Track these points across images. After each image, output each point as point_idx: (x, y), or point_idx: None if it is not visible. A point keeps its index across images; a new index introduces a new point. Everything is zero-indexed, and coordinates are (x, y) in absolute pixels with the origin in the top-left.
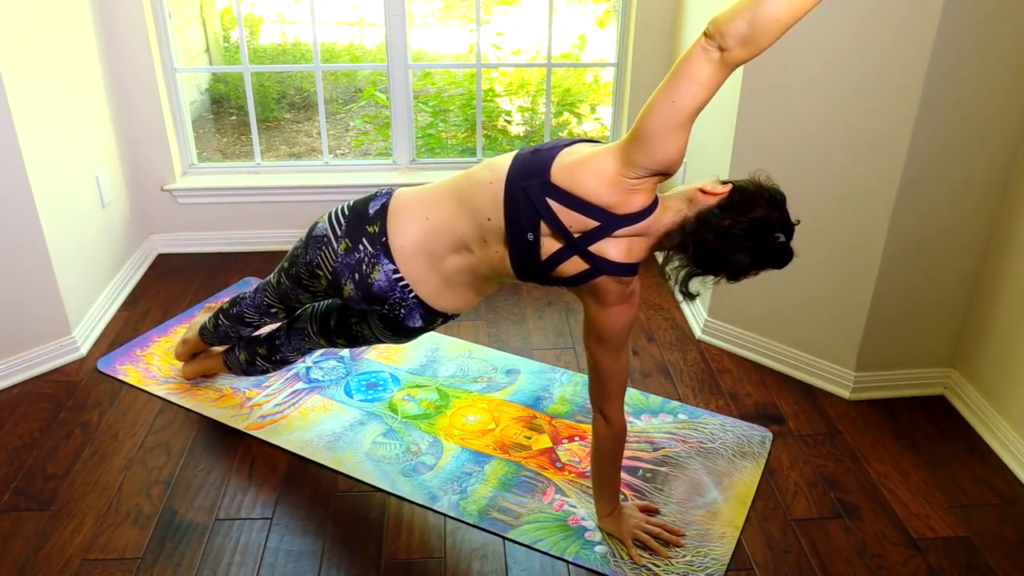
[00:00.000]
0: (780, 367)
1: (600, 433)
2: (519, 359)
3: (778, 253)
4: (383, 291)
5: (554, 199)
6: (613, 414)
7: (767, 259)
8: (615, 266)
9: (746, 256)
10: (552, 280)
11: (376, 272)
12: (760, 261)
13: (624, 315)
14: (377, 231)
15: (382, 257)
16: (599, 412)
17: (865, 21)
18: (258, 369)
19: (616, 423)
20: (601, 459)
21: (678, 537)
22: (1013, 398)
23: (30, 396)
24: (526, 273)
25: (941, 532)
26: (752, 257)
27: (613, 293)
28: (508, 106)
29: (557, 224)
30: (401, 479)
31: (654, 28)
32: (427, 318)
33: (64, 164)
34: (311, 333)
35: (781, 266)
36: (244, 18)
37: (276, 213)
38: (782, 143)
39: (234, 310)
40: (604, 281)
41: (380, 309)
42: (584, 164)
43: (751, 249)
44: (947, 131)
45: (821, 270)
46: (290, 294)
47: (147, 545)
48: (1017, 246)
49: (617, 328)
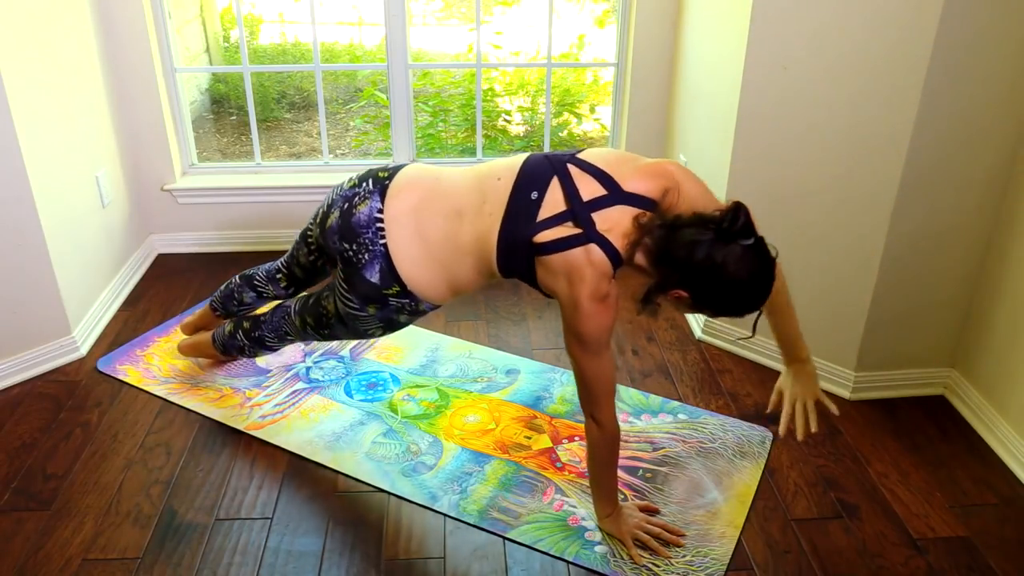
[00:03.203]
0: (780, 367)
1: (593, 438)
2: (519, 359)
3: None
4: (359, 225)
5: (574, 165)
6: (604, 418)
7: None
8: (603, 240)
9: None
10: (534, 249)
11: (363, 205)
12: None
13: (600, 317)
14: (385, 176)
15: (375, 196)
16: (590, 417)
17: (865, 21)
18: (235, 344)
19: (608, 427)
20: (597, 463)
21: (678, 537)
22: (1013, 398)
23: (30, 396)
24: (510, 244)
25: (941, 532)
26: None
27: (588, 282)
28: (508, 106)
29: (568, 184)
30: (401, 479)
31: (654, 28)
32: (384, 279)
33: (64, 164)
34: (291, 312)
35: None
36: (244, 18)
37: (276, 213)
38: (782, 143)
39: (249, 271)
40: (583, 260)
41: (348, 250)
42: (611, 151)
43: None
44: (947, 131)
45: (821, 270)
46: (295, 254)
47: (147, 545)
48: (1017, 246)
49: (594, 328)
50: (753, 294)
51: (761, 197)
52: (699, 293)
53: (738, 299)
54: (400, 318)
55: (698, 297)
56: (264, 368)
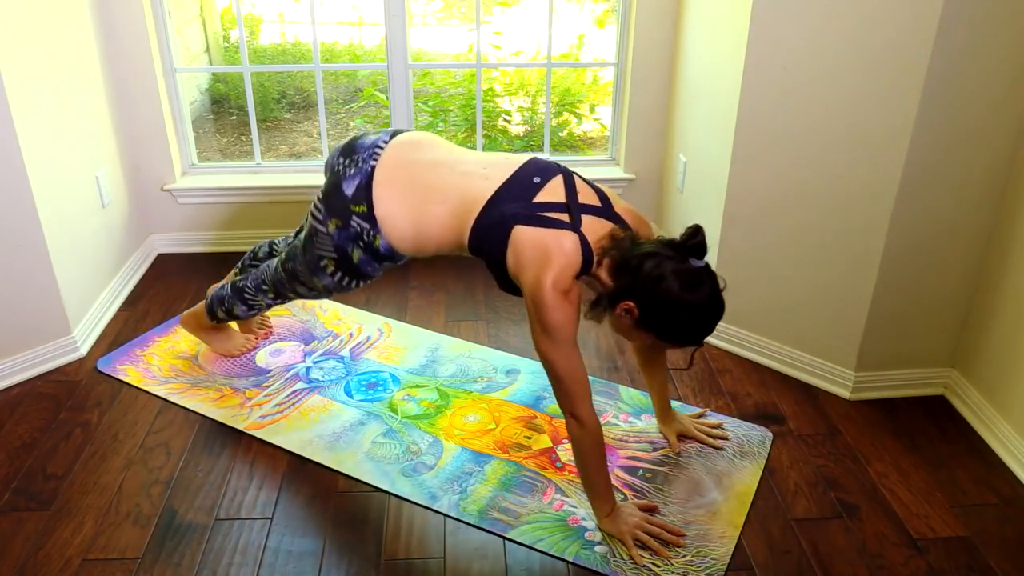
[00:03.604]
0: (780, 367)
1: (577, 437)
2: (519, 359)
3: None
4: (362, 147)
5: (578, 176)
6: (584, 414)
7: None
8: (583, 238)
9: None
10: (518, 219)
11: (373, 135)
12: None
13: (564, 309)
14: (400, 133)
15: (387, 134)
16: (570, 416)
17: (865, 21)
18: (220, 295)
19: (589, 423)
20: (586, 463)
21: (678, 537)
22: (1013, 398)
23: (30, 396)
24: (497, 213)
25: (941, 532)
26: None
27: (555, 268)
28: (508, 106)
29: (570, 184)
30: (401, 479)
31: (654, 28)
32: (357, 194)
33: (64, 164)
34: (275, 258)
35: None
36: (244, 18)
37: (276, 213)
38: (782, 143)
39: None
40: (558, 243)
41: (340, 164)
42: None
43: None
44: (947, 130)
45: (821, 270)
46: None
47: (147, 545)
48: (1018, 246)
49: (559, 319)
50: (697, 318)
51: (761, 197)
52: (646, 306)
53: (681, 320)
54: (354, 253)
55: (644, 312)
56: (264, 368)
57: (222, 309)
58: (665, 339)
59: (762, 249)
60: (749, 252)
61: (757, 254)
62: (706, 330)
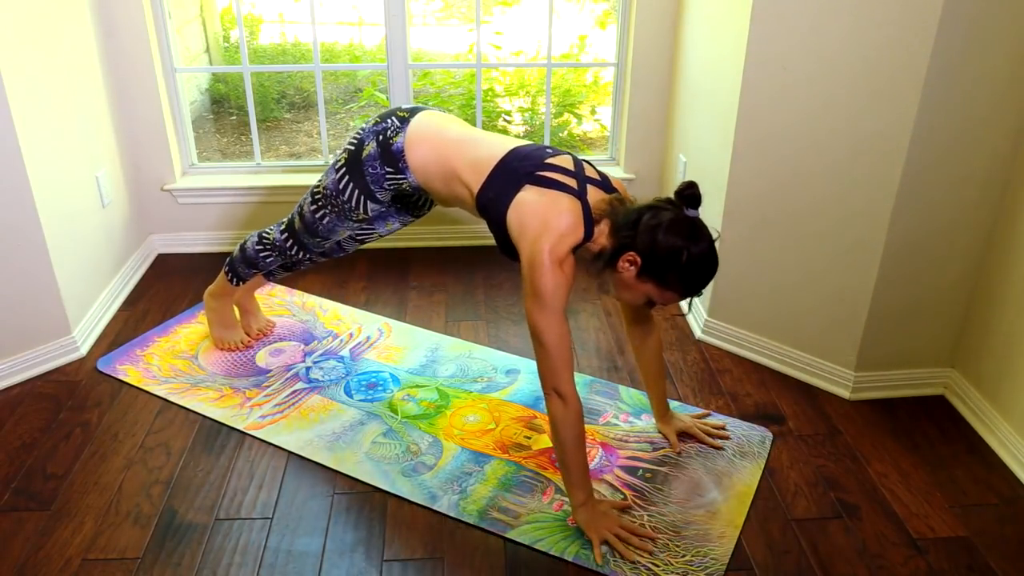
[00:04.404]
0: (780, 367)
1: (558, 416)
2: (519, 359)
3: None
4: (388, 114)
5: (584, 160)
6: (567, 391)
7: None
8: (587, 206)
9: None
10: (530, 178)
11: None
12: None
13: (557, 276)
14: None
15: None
16: (552, 392)
17: (865, 21)
18: (244, 247)
19: (571, 400)
20: (565, 443)
21: (648, 542)
22: (1013, 398)
23: (30, 396)
24: (512, 164)
25: (941, 532)
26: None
27: (554, 232)
28: (508, 106)
29: (577, 160)
30: (401, 479)
31: (654, 28)
32: (408, 108)
33: (64, 164)
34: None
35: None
36: (244, 18)
37: (276, 213)
38: (782, 142)
39: None
40: (564, 207)
41: (382, 123)
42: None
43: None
44: (947, 130)
45: (821, 270)
46: None
47: (147, 545)
48: (1017, 245)
49: (551, 285)
50: (696, 263)
51: (761, 197)
52: (647, 254)
53: (681, 266)
54: (368, 145)
55: (646, 260)
56: (264, 368)
57: (236, 249)
58: (666, 286)
59: (762, 249)
60: (749, 252)
61: (757, 254)
62: (705, 276)
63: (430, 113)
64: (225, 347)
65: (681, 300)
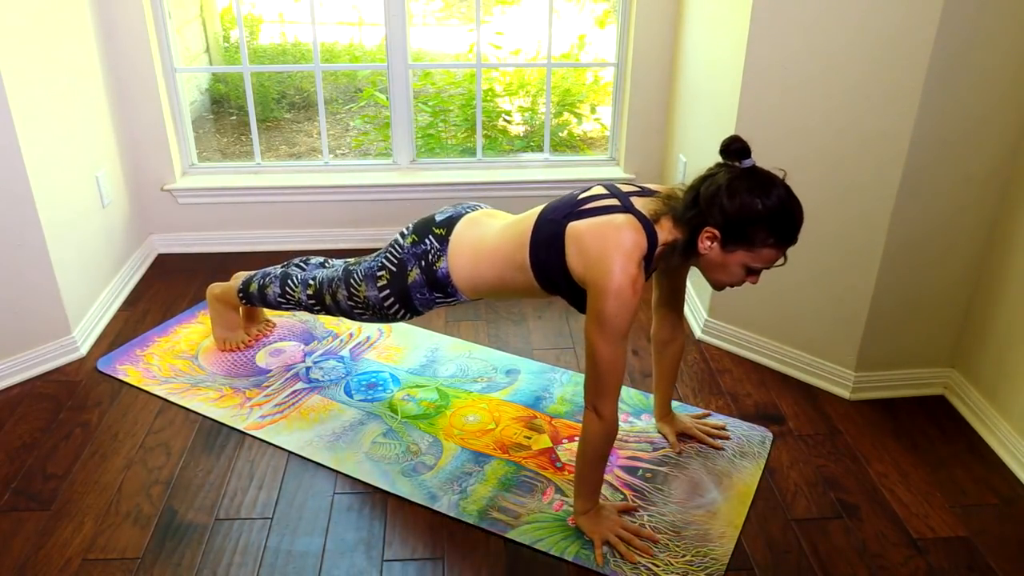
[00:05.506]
0: (780, 367)
1: (592, 431)
2: (519, 359)
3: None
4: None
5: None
6: (608, 411)
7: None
8: (640, 215)
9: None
10: (572, 215)
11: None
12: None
13: (625, 296)
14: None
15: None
16: (592, 409)
17: (865, 20)
18: (266, 271)
19: (609, 420)
20: (588, 459)
21: (650, 544)
22: (1013, 398)
23: (30, 396)
24: (549, 218)
25: (941, 532)
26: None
27: (623, 250)
28: (508, 106)
29: (609, 183)
30: (401, 479)
31: (654, 28)
32: (443, 222)
33: (64, 164)
34: (335, 270)
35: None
36: (244, 18)
37: (276, 213)
38: (782, 142)
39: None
40: (623, 224)
41: (421, 245)
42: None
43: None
44: (947, 130)
45: (821, 270)
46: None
47: (147, 545)
48: (1017, 245)
49: (617, 309)
50: (777, 208)
51: None
52: (724, 222)
53: (763, 218)
54: (412, 271)
55: (725, 228)
56: (264, 368)
57: (256, 284)
58: (757, 246)
59: None
60: None
61: None
62: (791, 219)
63: (465, 223)
64: (227, 347)
65: (781, 255)
